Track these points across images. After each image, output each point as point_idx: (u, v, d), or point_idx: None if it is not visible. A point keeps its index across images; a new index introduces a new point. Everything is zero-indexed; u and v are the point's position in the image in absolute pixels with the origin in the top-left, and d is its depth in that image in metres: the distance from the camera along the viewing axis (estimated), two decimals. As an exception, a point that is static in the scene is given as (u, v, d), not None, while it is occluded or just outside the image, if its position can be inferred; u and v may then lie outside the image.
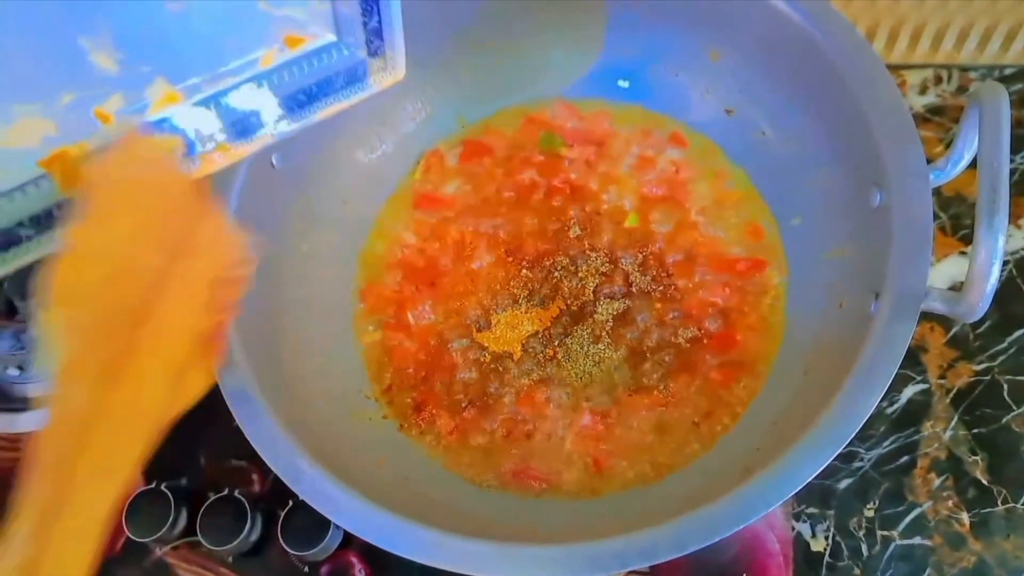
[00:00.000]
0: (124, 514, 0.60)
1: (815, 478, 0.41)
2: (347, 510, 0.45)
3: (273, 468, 0.46)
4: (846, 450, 0.42)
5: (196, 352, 0.35)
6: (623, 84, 0.68)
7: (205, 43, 0.40)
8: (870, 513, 0.59)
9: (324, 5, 0.42)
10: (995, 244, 0.35)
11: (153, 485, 0.61)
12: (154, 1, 0.37)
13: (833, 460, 0.42)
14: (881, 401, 0.42)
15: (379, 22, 0.43)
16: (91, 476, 0.30)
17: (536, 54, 0.67)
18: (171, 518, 0.60)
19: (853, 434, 0.41)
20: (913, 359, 0.64)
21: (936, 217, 0.67)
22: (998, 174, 0.36)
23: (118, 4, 0.36)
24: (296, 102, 0.45)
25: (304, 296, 0.60)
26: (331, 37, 0.44)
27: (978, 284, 0.37)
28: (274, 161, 0.58)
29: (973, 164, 0.44)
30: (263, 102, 0.44)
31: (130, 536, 0.60)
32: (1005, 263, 0.65)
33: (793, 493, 0.40)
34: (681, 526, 0.41)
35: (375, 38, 0.44)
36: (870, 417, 0.42)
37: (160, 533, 0.59)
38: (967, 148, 0.45)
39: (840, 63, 0.51)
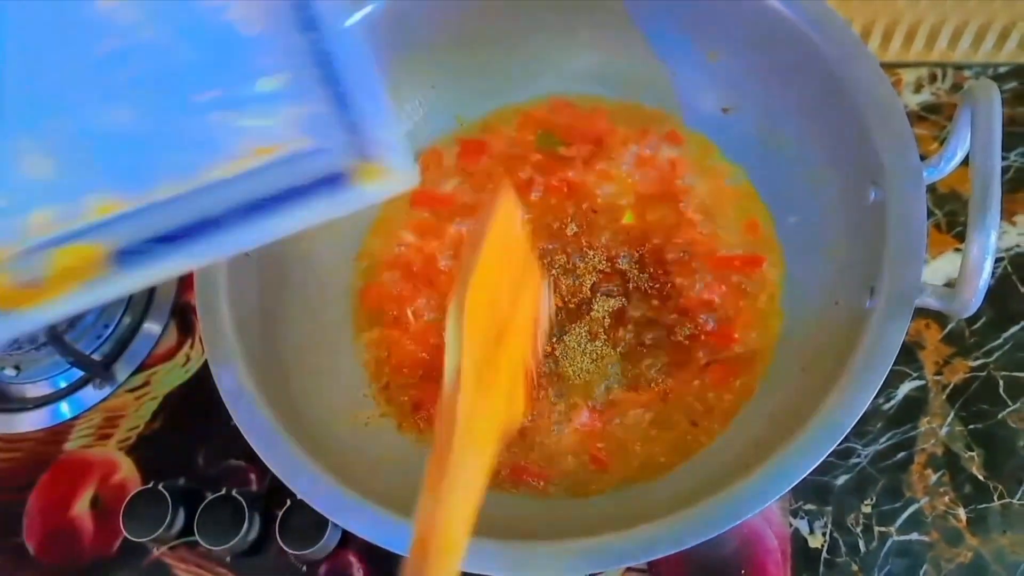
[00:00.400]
0: (121, 514, 0.60)
1: (812, 474, 0.42)
2: (345, 509, 0.45)
3: (271, 467, 0.46)
4: (843, 446, 0.42)
5: (520, 384, 0.40)
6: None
7: (154, 153, 0.35)
8: (867, 509, 0.59)
9: (296, 108, 0.35)
10: (987, 241, 0.36)
11: (150, 485, 0.61)
12: (93, 107, 0.34)
13: (830, 456, 0.42)
14: (877, 397, 0.42)
15: (359, 116, 0.35)
16: (465, 469, 0.37)
17: (534, 52, 0.67)
18: (168, 518, 0.59)
19: (849, 429, 0.41)
20: (909, 355, 0.64)
21: (931, 214, 0.68)
22: (990, 172, 0.36)
23: (57, 109, 0.33)
24: (266, 216, 0.36)
25: (302, 295, 0.60)
26: (306, 143, 0.35)
27: (971, 280, 0.37)
28: (270, 161, 0.58)
29: (967, 161, 0.44)
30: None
31: (127, 536, 0.60)
32: (1000, 260, 0.65)
33: (790, 488, 0.40)
34: (679, 522, 0.41)
35: (360, 136, 0.35)
36: (867, 413, 0.42)
37: (157, 533, 0.59)
38: (960, 146, 0.45)
39: (836, 62, 0.51)
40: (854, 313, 0.48)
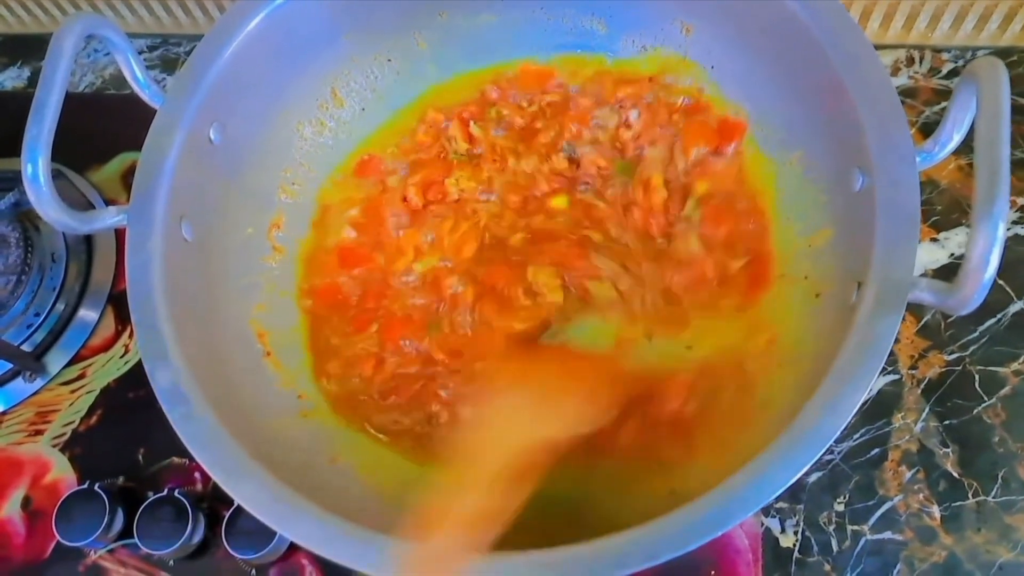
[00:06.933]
0: (54, 516, 0.57)
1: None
2: (292, 518, 0.42)
3: (210, 473, 0.42)
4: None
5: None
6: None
7: None
8: (840, 507, 0.58)
9: None
10: (995, 232, 0.33)
11: (86, 485, 0.59)
12: None
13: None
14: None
15: None
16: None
17: (493, 23, 0.64)
18: (106, 520, 0.57)
19: (835, 437, 0.39)
20: (884, 349, 0.62)
21: (908, 203, 0.66)
22: (998, 156, 0.34)
23: None
24: None
25: (247, 283, 0.57)
26: None
27: (975, 275, 0.34)
28: (212, 135, 0.54)
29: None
30: None
31: (60, 540, 0.57)
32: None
33: (774, 497, 0.38)
34: (653, 534, 0.38)
35: None
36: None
37: (94, 537, 0.57)
38: (957, 128, 0.42)
39: (823, 39, 0.47)
40: (838, 307, 0.45)
